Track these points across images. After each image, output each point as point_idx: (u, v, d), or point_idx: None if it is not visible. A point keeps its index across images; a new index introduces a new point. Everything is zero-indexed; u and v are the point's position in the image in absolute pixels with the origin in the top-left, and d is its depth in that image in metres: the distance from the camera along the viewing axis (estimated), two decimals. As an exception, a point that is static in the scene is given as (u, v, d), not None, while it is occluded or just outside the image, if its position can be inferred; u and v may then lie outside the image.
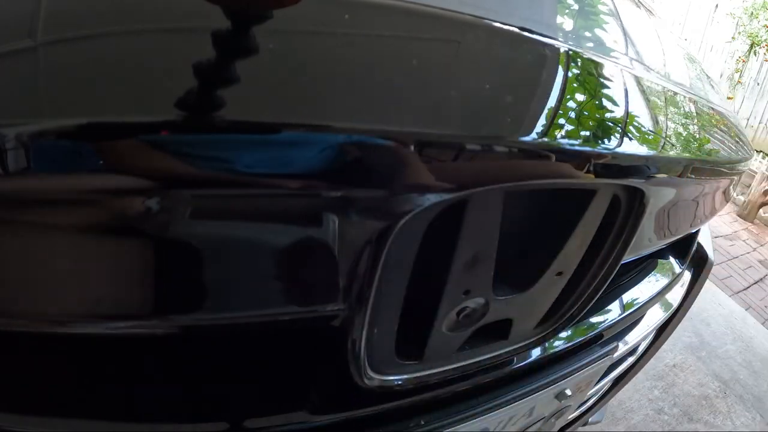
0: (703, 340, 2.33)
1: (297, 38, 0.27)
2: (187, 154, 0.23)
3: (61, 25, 0.25)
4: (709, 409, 1.92)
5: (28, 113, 0.22)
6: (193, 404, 0.37)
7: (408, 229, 0.30)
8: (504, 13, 0.37)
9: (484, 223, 0.33)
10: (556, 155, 0.31)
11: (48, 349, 0.37)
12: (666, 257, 0.82)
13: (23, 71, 0.23)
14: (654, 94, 0.44)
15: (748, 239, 3.95)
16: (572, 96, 0.34)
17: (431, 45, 0.31)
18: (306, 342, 0.40)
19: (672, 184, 0.45)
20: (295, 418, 0.38)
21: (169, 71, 0.24)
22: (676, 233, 0.60)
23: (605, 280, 0.46)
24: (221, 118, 0.23)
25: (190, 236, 0.26)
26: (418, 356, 0.39)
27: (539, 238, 0.41)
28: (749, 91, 6.03)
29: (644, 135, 0.38)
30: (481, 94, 0.30)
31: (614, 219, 0.42)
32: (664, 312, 0.80)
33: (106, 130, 0.22)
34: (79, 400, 0.35)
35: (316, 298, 0.30)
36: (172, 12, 0.26)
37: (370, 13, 0.30)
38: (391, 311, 0.35)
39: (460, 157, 0.28)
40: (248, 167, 0.24)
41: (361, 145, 0.26)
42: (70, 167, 0.22)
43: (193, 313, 0.29)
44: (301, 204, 0.26)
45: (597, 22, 0.49)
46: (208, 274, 0.27)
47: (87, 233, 0.25)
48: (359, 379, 0.37)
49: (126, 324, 0.30)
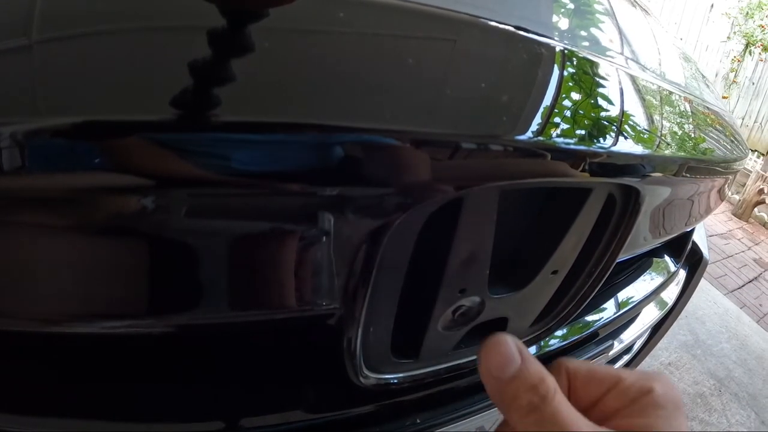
0: (698, 339, 2.34)
1: (292, 37, 0.27)
2: (183, 152, 0.23)
3: (56, 23, 0.25)
4: (704, 407, 1.93)
5: (23, 112, 0.22)
6: (188, 403, 0.37)
7: (403, 227, 0.30)
8: (500, 12, 0.37)
9: (480, 222, 0.33)
10: (551, 154, 0.31)
11: (46, 348, 0.36)
12: (661, 256, 0.82)
13: (19, 69, 0.23)
14: (649, 93, 0.45)
15: (743, 238, 3.97)
16: (568, 95, 0.34)
17: (426, 43, 0.31)
18: (302, 340, 0.40)
19: (667, 183, 0.46)
20: (291, 417, 0.38)
21: (166, 70, 0.24)
22: (671, 232, 0.61)
23: (600, 278, 0.46)
24: (218, 117, 0.23)
25: (185, 235, 0.26)
26: (414, 355, 0.39)
27: (535, 236, 0.41)
28: (744, 90, 6.06)
29: (640, 134, 0.38)
30: (476, 93, 0.30)
31: (609, 218, 0.42)
32: (659, 310, 0.80)
33: (102, 129, 0.22)
34: (75, 399, 0.35)
35: (311, 296, 0.30)
36: (168, 10, 0.26)
37: (365, 11, 0.30)
38: (386, 309, 0.35)
39: (456, 155, 0.28)
40: (244, 166, 0.24)
41: (356, 143, 0.26)
42: (66, 166, 0.22)
43: (188, 312, 0.29)
44: (296, 203, 0.26)
45: (593, 21, 0.49)
46: (205, 273, 0.27)
47: (83, 232, 0.25)
48: (355, 377, 0.37)
49: (121, 323, 0.30)
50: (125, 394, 0.36)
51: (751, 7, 5.86)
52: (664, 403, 0.28)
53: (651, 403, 0.28)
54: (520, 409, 0.27)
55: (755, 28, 5.83)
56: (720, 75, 6.25)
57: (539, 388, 0.27)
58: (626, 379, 0.29)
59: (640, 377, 0.29)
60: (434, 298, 0.35)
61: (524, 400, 0.27)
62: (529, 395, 0.27)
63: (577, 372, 0.31)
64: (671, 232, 0.60)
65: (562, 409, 0.27)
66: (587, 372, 0.31)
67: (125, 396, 0.36)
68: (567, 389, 0.31)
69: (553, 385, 0.28)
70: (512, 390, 0.28)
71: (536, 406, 0.27)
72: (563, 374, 0.31)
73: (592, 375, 0.31)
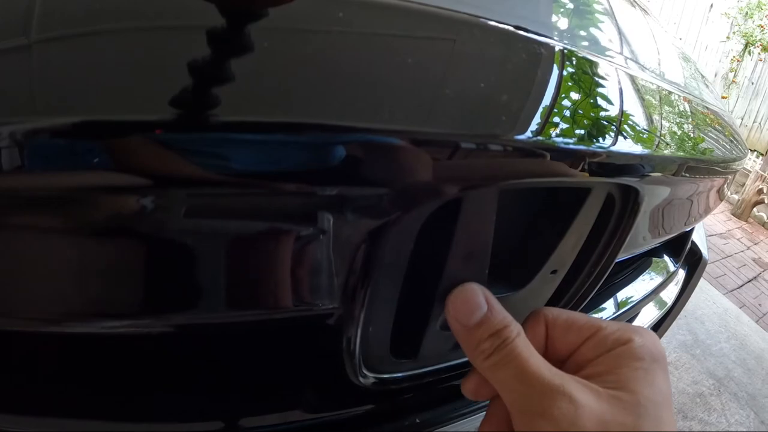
0: (698, 338, 2.35)
1: (291, 36, 0.27)
2: (183, 152, 0.23)
3: (56, 22, 0.25)
4: (703, 407, 1.93)
5: (23, 111, 0.22)
6: (188, 403, 0.37)
7: (402, 227, 0.30)
8: (499, 11, 0.37)
9: (479, 222, 0.33)
10: (550, 154, 0.31)
11: (47, 348, 0.36)
12: (660, 255, 0.82)
13: (18, 69, 0.23)
14: (649, 93, 0.45)
15: (742, 238, 3.97)
16: (567, 95, 0.35)
17: (425, 43, 0.31)
18: (301, 340, 0.40)
19: (666, 182, 0.46)
20: (290, 417, 0.38)
21: (166, 69, 0.24)
22: (671, 232, 0.61)
23: (600, 278, 0.47)
24: (217, 117, 0.23)
25: (185, 235, 0.26)
26: (413, 354, 0.39)
27: (534, 236, 0.41)
28: (743, 90, 6.06)
29: (639, 134, 0.39)
30: (475, 93, 0.30)
31: (609, 217, 0.42)
32: (658, 310, 0.80)
33: (102, 129, 0.22)
34: (75, 399, 0.35)
35: (311, 296, 0.30)
36: (168, 10, 0.26)
37: (363, 11, 0.30)
38: (386, 309, 0.35)
39: (455, 155, 0.28)
40: (243, 165, 0.24)
41: (355, 143, 0.26)
42: (66, 166, 0.22)
43: (188, 311, 0.29)
44: (295, 202, 0.26)
45: (592, 21, 0.49)
46: (204, 272, 0.27)
47: (83, 232, 0.25)
48: (354, 377, 0.37)
49: (121, 323, 0.30)
50: (125, 394, 0.36)
51: (751, 7, 5.86)
52: (641, 354, 0.27)
53: (627, 354, 0.27)
54: (482, 353, 0.28)
55: (754, 28, 5.83)
56: (719, 75, 6.25)
57: (501, 332, 0.28)
58: (605, 329, 0.29)
59: (620, 327, 0.29)
60: (433, 297, 0.35)
61: (487, 344, 0.28)
62: (491, 340, 0.28)
63: (556, 320, 0.31)
64: (670, 231, 0.60)
65: (522, 352, 0.27)
66: (567, 320, 0.31)
67: (125, 396, 0.36)
68: (544, 337, 0.31)
69: (515, 330, 0.28)
70: (477, 336, 0.28)
71: (496, 349, 0.27)
72: (541, 323, 0.31)
73: (572, 323, 0.30)
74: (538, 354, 0.27)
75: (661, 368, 0.27)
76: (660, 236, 0.58)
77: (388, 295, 0.34)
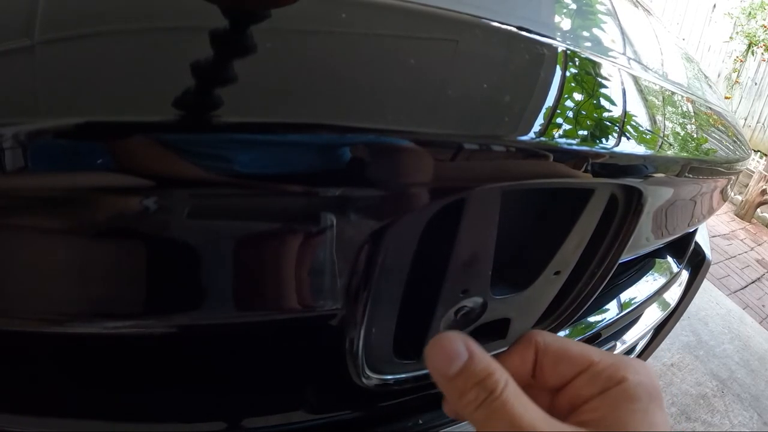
0: (701, 339, 2.34)
1: (294, 38, 0.27)
2: (186, 153, 0.23)
3: (58, 23, 0.25)
4: (706, 408, 1.92)
5: (26, 112, 0.22)
6: (191, 404, 0.37)
7: (405, 228, 0.30)
8: (502, 12, 0.37)
9: (482, 223, 0.33)
10: (553, 155, 0.31)
11: (47, 348, 0.37)
12: (664, 256, 0.82)
13: (21, 70, 0.23)
14: (652, 93, 0.45)
15: (746, 238, 3.96)
16: (570, 95, 0.34)
17: (428, 44, 0.31)
18: (304, 341, 0.40)
19: (670, 183, 0.45)
20: (293, 418, 0.38)
21: (169, 70, 0.24)
22: (674, 232, 0.60)
23: (603, 279, 0.46)
24: (220, 118, 0.23)
25: (188, 236, 0.26)
26: (416, 355, 0.39)
27: (537, 237, 0.41)
28: (747, 90, 6.04)
29: (642, 134, 0.38)
30: (478, 94, 0.30)
31: (612, 218, 0.42)
32: (661, 311, 0.80)
33: (105, 130, 0.22)
34: (76, 399, 0.35)
35: (314, 297, 0.30)
36: (170, 11, 0.26)
37: (366, 12, 0.30)
38: (389, 310, 0.35)
39: (458, 156, 0.28)
40: (246, 166, 0.24)
41: (358, 144, 0.26)
42: (69, 167, 0.22)
43: (191, 312, 0.29)
44: (298, 203, 0.26)
45: (595, 21, 0.49)
46: (207, 273, 0.27)
47: (86, 233, 0.25)
48: (357, 378, 0.37)
49: (123, 324, 0.30)
50: (127, 395, 0.36)
51: (754, 8, 5.84)
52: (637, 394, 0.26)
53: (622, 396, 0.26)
54: (469, 405, 0.26)
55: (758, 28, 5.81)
56: (722, 75, 6.23)
57: (486, 382, 0.26)
58: (598, 364, 0.28)
59: (612, 364, 0.28)
60: (436, 298, 0.35)
61: (471, 395, 0.26)
62: (475, 391, 0.26)
63: (547, 348, 0.30)
64: (674, 232, 0.60)
65: (513, 404, 0.26)
66: (559, 350, 0.30)
67: (127, 396, 0.36)
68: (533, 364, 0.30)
69: (503, 379, 0.27)
70: (459, 386, 0.27)
71: (483, 401, 0.26)
72: (532, 347, 0.30)
73: (564, 354, 0.30)
74: (532, 405, 0.26)
75: (658, 406, 0.26)
76: (663, 237, 0.58)
77: (391, 296, 0.34)
